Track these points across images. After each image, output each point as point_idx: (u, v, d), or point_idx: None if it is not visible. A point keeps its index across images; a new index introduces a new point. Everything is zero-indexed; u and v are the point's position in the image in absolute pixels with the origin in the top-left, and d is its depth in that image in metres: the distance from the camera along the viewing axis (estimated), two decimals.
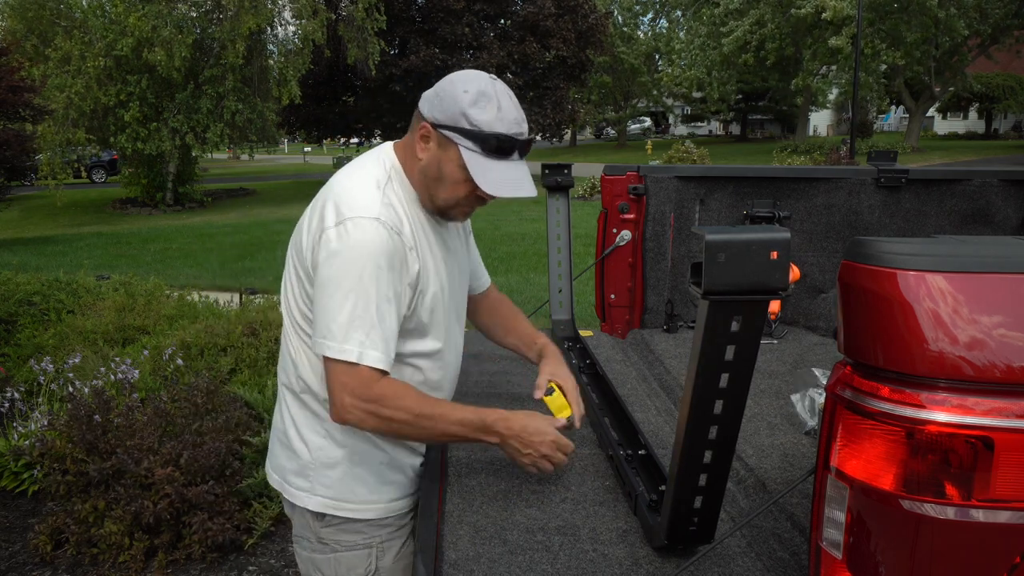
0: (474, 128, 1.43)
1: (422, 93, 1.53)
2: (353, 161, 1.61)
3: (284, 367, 1.62)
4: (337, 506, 1.57)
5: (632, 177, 2.74)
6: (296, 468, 1.59)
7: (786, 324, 2.80)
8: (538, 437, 1.50)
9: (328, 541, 1.60)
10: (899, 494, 0.96)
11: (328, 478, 1.56)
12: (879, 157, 2.82)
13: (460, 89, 1.45)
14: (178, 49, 15.91)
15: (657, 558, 1.34)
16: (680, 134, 49.20)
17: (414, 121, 1.53)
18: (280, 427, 1.65)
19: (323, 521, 1.59)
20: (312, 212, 1.51)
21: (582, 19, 24.83)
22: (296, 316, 1.54)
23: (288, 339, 1.59)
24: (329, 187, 1.52)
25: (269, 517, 3.16)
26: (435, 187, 1.51)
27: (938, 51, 26.42)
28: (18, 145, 13.99)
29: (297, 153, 47.95)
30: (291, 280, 1.56)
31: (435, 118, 1.46)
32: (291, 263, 1.56)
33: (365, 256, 1.40)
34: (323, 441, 1.56)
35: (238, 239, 13.11)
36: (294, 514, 1.65)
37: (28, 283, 5.71)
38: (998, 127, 40.87)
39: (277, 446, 1.66)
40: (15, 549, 3.20)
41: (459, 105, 1.43)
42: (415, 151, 1.51)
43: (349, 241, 1.40)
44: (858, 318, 1.00)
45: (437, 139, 1.48)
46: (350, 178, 1.51)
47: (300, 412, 1.59)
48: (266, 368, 4.12)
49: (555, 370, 1.72)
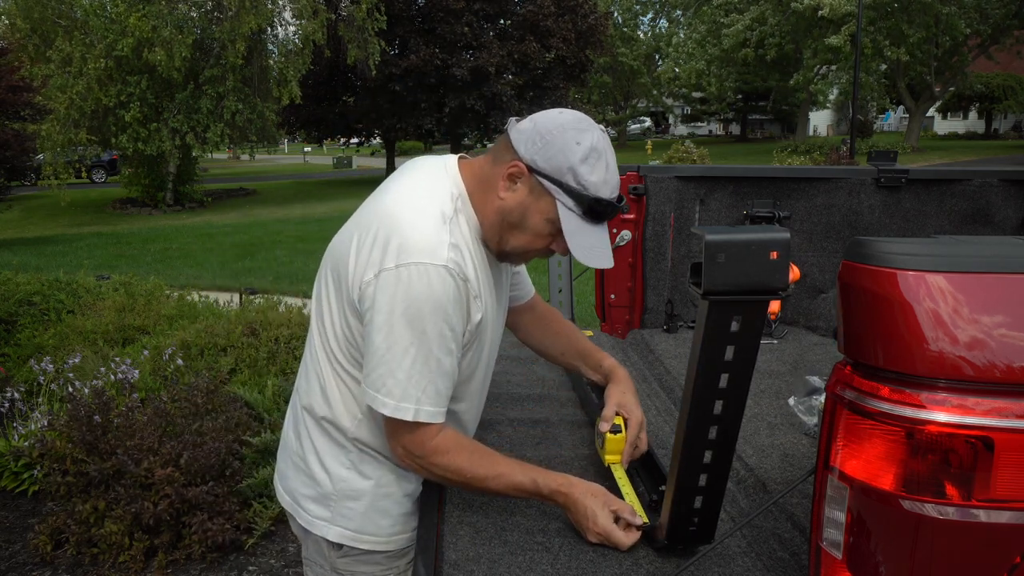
0: (579, 188, 1.29)
1: (511, 118, 1.39)
2: (414, 172, 1.44)
3: (309, 391, 1.48)
4: (358, 539, 1.48)
5: (632, 177, 2.74)
6: (315, 496, 1.49)
7: (786, 324, 2.80)
8: (586, 522, 1.35)
9: (343, 571, 1.51)
10: (899, 494, 0.96)
11: (351, 510, 1.47)
12: (879, 157, 2.82)
13: (572, 140, 1.29)
14: (178, 49, 15.91)
15: (657, 558, 1.34)
16: (680, 134, 49.21)
17: (499, 150, 1.37)
18: (296, 450, 1.52)
19: (340, 551, 1.49)
20: (364, 235, 1.33)
21: (582, 19, 24.82)
22: (331, 343, 1.41)
23: (318, 363, 1.45)
24: (387, 210, 1.35)
25: (269, 517, 3.16)
26: (510, 233, 1.37)
27: (939, 50, 26.43)
28: (18, 145, 14.00)
29: (297, 153, 47.94)
30: (330, 302, 1.41)
31: (535, 162, 1.31)
32: (330, 283, 1.41)
33: (429, 309, 1.27)
34: (348, 473, 1.46)
35: (238, 239, 13.11)
36: (307, 539, 1.54)
37: (28, 283, 5.71)
38: (998, 127, 40.88)
39: (291, 468, 1.54)
40: (15, 549, 3.20)
41: (569, 159, 1.29)
42: (494, 185, 1.35)
43: (412, 292, 1.26)
44: (858, 318, 1.00)
45: (531, 185, 1.32)
46: (414, 206, 1.33)
47: (323, 440, 1.47)
48: (266, 368, 4.12)
49: (623, 400, 1.58)
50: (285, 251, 11.32)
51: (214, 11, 17.59)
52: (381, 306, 1.28)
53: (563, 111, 1.35)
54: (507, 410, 1.99)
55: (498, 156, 1.37)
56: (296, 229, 14.42)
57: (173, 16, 16.51)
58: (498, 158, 1.37)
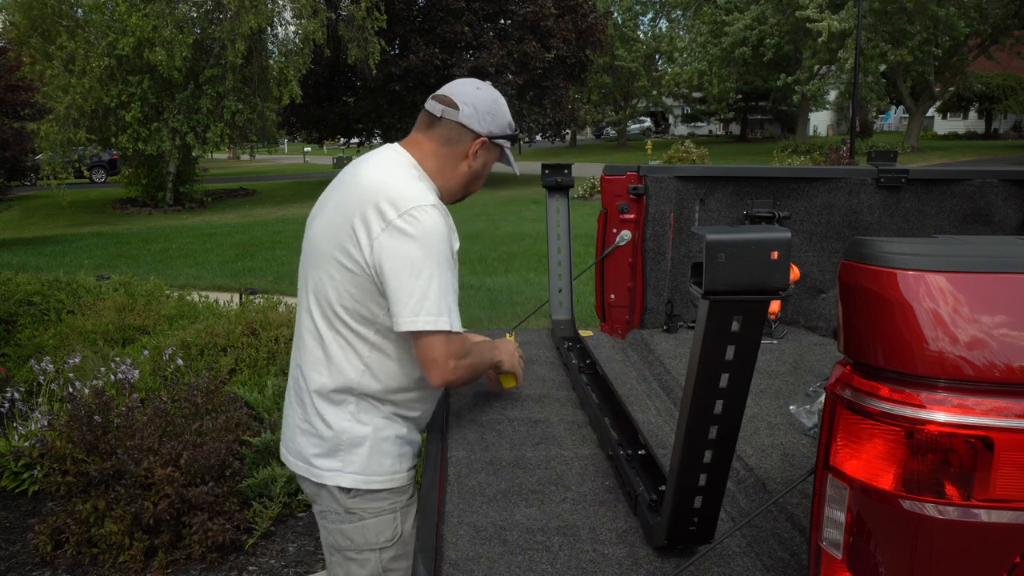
0: (511, 130, 1.78)
1: (437, 103, 1.75)
2: (369, 159, 1.75)
3: (314, 365, 1.71)
4: (367, 480, 1.71)
5: (632, 177, 2.74)
6: (323, 451, 1.71)
7: (786, 324, 2.80)
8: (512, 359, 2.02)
9: (356, 511, 1.73)
10: (899, 494, 0.96)
11: (357, 455, 1.70)
12: (879, 157, 2.82)
13: (502, 104, 1.76)
14: (179, 49, 15.90)
15: (657, 558, 1.34)
16: (680, 134, 49.19)
17: (447, 134, 1.72)
18: (301, 416, 1.75)
19: (350, 494, 1.71)
20: (356, 213, 1.62)
21: (582, 18, 24.83)
22: (339, 312, 1.66)
23: (319, 335, 1.70)
24: (366, 190, 1.64)
25: (269, 517, 3.16)
26: (474, 183, 1.80)
27: (939, 51, 26.41)
28: (17, 145, 13.98)
29: (297, 153, 47.96)
30: (331, 281, 1.66)
31: (492, 133, 1.74)
32: (330, 266, 1.66)
33: (435, 239, 1.59)
34: (349, 424, 1.69)
35: (238, 239, 13.11)
36: (320, 493, 1.75)
37: (28, 283, 5.71)
38: (998, 127, 40.85)
39: (298, 434, 1.76)
40: (15, 549, 3.20)
41: (505, 118, 1.76)
42: (458, 158, 1.74)
43: (420, 228, 1.57)
44: (858, 318, 1.00)
45: (488, 147, 1.76)
46: (389, 177, 1.66)
47: (325, 404, 1.70)
48: (266, 368, 4.12)
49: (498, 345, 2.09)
50: (285, 251, 11.32)
51: (214, 11, 17.58)
52: (398, 250, 1.57)
53: (477, 85, 1.76)
54: (507, 410, 2.00)
55: (450, 138, 1.73)
56: (296, 229, 14.39)
57: (173, 16, 16.50)
58: (451, 140, 1.73)
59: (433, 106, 1.74)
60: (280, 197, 21.22)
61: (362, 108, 24.41)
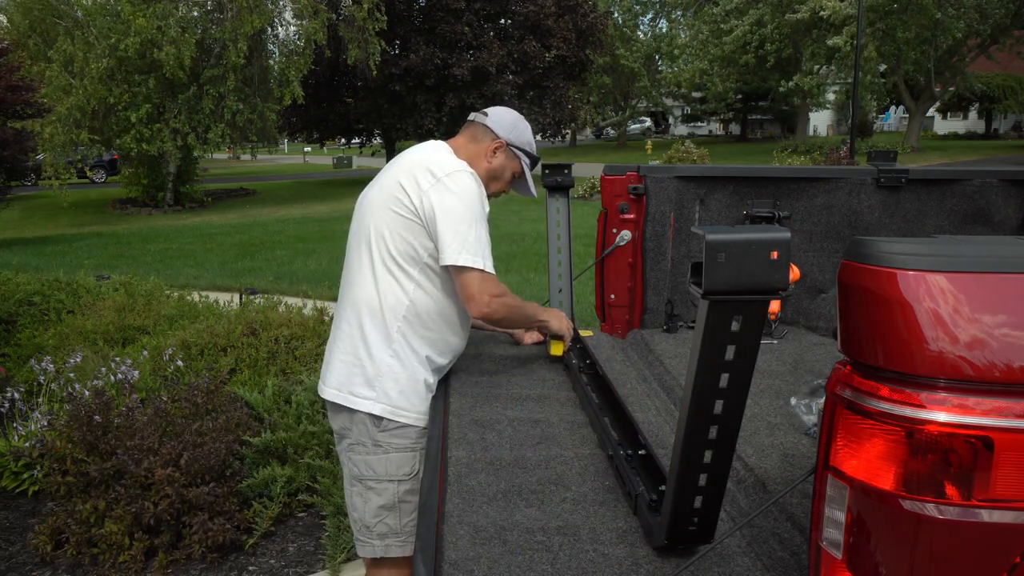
0: (533, 153, 2.22)
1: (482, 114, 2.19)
2: (414, 148, 2.14)
3: (366, 300, 2.00)
4: (396, 412, 1.98)
5: (632, 177, 2.74)
6: (363, 380, 1.98)
7: (786, 324, 2.80)
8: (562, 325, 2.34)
9: (383, 443, 1.98)
10: (899, 494, 0.96)
11: (393, 389, 1.97)
12: (879, 157, 2.82)
13: (525, 125, 2.21)
14: (186, 49, 15.90)
15: (657, 558, 1.34)
16: (680, 134, 49.18)
17: (475, 134, 2.15)
18: (348, 347, 2.02)
19: (380, 426, 1.97)
20: (408, 175, 1.99)
21: (582, 18, 24.82)
22: (393, 253, 1.98)
23: (375, 276, 2.00)
24: (414, 160, 2.04)
25: (269, 517, 3.17)
26: (492, 183, 2.16)
27: (937, 51, 26.41)
28: (17, 145, 13.97)
29: (297, 153, 47.96)
30: (386, 226, 1.98)
31: (511, 139, 2.15)
32: (387, 214, 1.98)
33: (473, 197, 1.97)
34: (391, 360, 1.98)
35: (238, 239, 13.11)
36: (353, 422, 2.00)
37: (28, 283, 5.71)
38: (998, 127, 40.85)
39: (339, 364, 2.02)
40: (15, 549, 3.20)
41: (527, 137, 2.20)
42: (481, 155, 2.13)
43: (463, 186, 1.96)
44: (858, 318, 1.00)
45: (507, 153, 2.16)
46: (434, 153, 2.07)
47: (374, 332, 1.98)
48: (266, 368, 4.12)
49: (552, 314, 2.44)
50: (285, 251, 11.31)
51: (215, 11, 17.58)
52: (445, 201, 1.93)
53: (510, 109, 2.23)
54: (507, 410, 1.99)
55: (477, 138, 2.15)
56: (296, 229, 14.42)
57: (176, 17, 16.50)
58: (477, 137, 2.15)
59: (472, 115, 2.19)
60: (280, 197, 21.21)
61: (362, 108, 24.40)
